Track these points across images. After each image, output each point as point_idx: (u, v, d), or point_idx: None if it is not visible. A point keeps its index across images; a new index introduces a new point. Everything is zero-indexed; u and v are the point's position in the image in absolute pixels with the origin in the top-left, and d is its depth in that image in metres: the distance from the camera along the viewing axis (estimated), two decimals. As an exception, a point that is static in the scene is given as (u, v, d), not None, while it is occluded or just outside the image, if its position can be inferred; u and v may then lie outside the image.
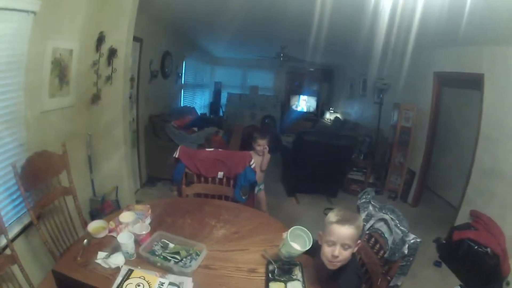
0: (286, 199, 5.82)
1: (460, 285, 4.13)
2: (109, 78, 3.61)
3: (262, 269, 2.06)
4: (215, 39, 7.89)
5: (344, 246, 1.86)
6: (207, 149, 3.81)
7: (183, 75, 8.28)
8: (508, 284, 3.92)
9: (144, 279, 1.76)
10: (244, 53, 10.47)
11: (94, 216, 3.60)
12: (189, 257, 2.02)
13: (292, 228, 2.05)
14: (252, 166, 3.58)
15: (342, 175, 6.32)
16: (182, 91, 8.50)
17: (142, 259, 1.96)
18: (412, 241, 2.21)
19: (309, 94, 12.02)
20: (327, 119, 11.06)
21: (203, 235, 2.40)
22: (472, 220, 4.70)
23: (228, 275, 1.99)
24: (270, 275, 2.00)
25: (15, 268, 2.06)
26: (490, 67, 4.61)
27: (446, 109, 6.45)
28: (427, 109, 6.08)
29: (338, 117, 10.35)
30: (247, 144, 7.77)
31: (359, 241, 1.95)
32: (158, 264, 1.93)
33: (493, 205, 4.48)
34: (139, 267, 1.87)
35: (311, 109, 12.01)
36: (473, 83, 5.06)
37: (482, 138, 4.84)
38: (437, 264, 4.48)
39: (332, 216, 1.92)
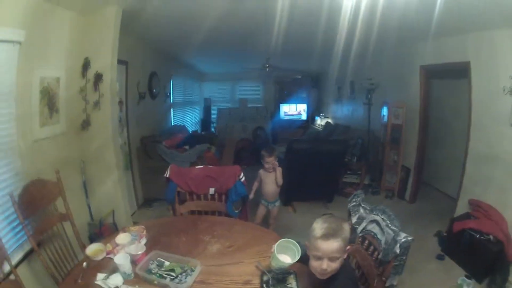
0: (283, 209, 5.77)
1: (465, 276, 4.06)
2: (97, 103, 3.66)
3: (256, 280, 2.10)
4: (200, 55, 7.97)
5: (331, 259, 1.85)
6: (197, 167, 3.85)
7: (171, 94, 8.32)
8: None
9: (142, 297, 1.80)
10: (231, 66, 10.52)
11: (93, 240, 3.62)
12: (184, 274, 2.08)
13: (279, 241, 2.10)
14: (242, 180, 3.61)
15: (337, 179, 6.35)
16: (172, 110, 8.53)
17: (140, 278, 2.01)
18: (403, 240, 2.21)
19: (298, 102, 12.08)
20: (318, 125, 11.12)
21: (198, 251, 2.45)
22: (472, 209, 4.72)
23: (225, 289, 2.03)
24: (264, 285, 2.04)
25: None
26: (475, 54, 4.64)
27: (436, 102, 6.50)
28: (417, 104, 6.10)
29: (329, 122, 10.41)
30: (240, 158, 7.82)
31: (348, 247, 1.94)
32: (155, 282, 1.98)
33: (492, 192, 4.49)
34: (136, 286, 1.93)
35: (302, 116, 12.07)
36: (460, 72, 5.14)
37: (473, 126, 4.87)
38: (440, 257, 4.48)
39: (316, 229, 1.91)
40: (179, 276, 2.05)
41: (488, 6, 3.51)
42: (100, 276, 2.00)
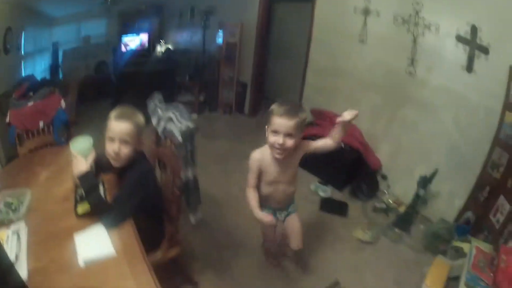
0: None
1: (319, 182, 4.27)
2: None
3: (73, 195, 2.24)
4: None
5: (121, 141, 2.00)
6: (28, 104, 4.02)
7: (22, 46, 7.97)
8: (384, 177, 4.07)
9: (-3, 237, 1.85)
10: (76, 6, 10.27)
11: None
12: (21, 204, 2.18)
13: (73, 139, 2.25)
14: (63, 107, 3.94)
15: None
16: (23, 62, 8.28)
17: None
18: (183, 128, 2.38)
19: (140, 32, 11.59)
20: (159, 52, 11.14)
21: (33, 182, 2.56)
22: (315, 118, 4.96)
23: (50, 209, 2.23)
24: (78, 198, 2.13)
25: None
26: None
27: (279, 23, 7.00)
28: (254, 22, 6.41)
29: (169, 48, 10.73)
30: (86, 96, 8.13)
31: (140, 138, 2.13)
32: (5, 221, 2.07)
33: (338, 102, 4.76)
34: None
35: (143, 46, 11.69)
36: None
37: (314, 42, 5.16)
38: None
39: (113, 112, 2.07)
40: (17, 208, 2.17)
41: None
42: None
